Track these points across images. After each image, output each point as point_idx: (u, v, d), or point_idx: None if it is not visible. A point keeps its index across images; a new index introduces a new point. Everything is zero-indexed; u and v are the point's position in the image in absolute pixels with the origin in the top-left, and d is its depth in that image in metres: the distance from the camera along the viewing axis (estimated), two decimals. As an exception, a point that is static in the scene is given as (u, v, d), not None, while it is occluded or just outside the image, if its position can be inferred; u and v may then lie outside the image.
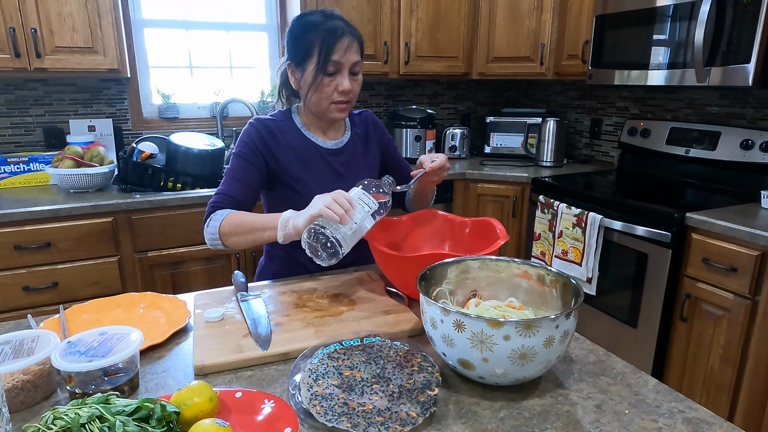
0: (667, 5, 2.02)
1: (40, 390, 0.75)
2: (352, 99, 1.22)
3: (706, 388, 1.82)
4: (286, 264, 1.32)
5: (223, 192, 1.19)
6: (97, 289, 2.01)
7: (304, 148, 1.27)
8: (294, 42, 1.19)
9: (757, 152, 2.06)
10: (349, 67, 1.18)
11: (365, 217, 1.00)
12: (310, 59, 1.16)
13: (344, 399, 0.70)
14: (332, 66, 1.16)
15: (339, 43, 1.14)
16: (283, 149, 1.25)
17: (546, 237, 2.32)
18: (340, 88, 1.18)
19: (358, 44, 1.19)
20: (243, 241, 1.12)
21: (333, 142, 1.31)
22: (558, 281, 0.87)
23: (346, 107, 1.22)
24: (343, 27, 1.16)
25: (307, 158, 1.26)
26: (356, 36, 1.19)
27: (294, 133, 1.28)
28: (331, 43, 1.14)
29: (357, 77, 1.22)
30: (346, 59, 1.16)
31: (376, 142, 1.39)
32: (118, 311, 1.03)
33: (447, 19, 2.73)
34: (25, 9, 1.95)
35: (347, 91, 1.19)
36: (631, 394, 0.77)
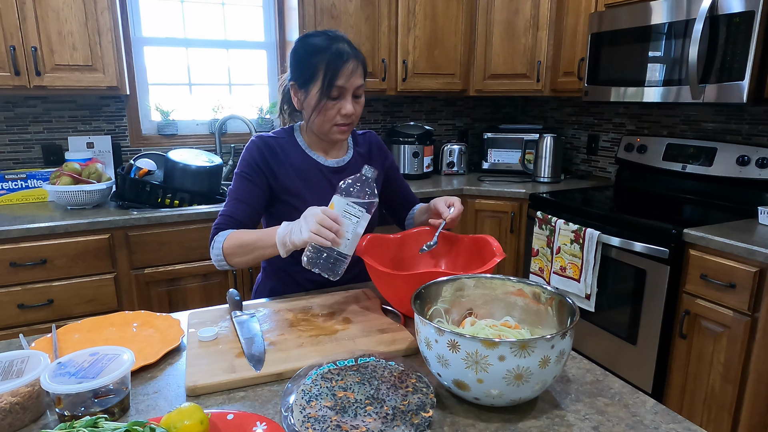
0: (662, 23, 2.04)
1: (29, 412, 0.73)
2: (354, 121, 1.23)
3: (707, 407, 1.80)
4: (283, 281, 1.32)
5: (226, 213, 1.21)
6: (92, 306, 2.00)
7: (305, 166, 1.27)
8: (299, 64, 1.20)
9: (754, 168, 2.06)
10: (352, 91, 1.18)
11: (357, 224, 0.99)
12: (315, 82, 1.16)
13: (337, 421, 0.69)
14: (336, 90, 1.16)
15: (344, 68, 1.15)
16: (284, 167, 1.25)
17: (544, 253, 2.31)
18: (343, 111, 1.18)
19: (362, 67, 1.20)
20: (247, 260, 1.13)
21: (335, 160, 1.31)
22: (554, 299, 0.86)
23: (348, 129, 1.23)
24: (348, 51, 1.16)
25: (308, 176, 1.26)
26: (360, 59, 1.19)
27: (296, 150, 1.28)
28: (336, 68, 1.14)
29: (359, 100, 1.22)
30: (350, 84, 1.17)
31: (379, 163, 1.39)
32: (111, 330, 1.02)
33: (444, 37, 2.76)
34: (25, 28, 1.97)
35: (350, 114, 1.19)
36: (629, 415, 0.76)
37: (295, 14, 2.49)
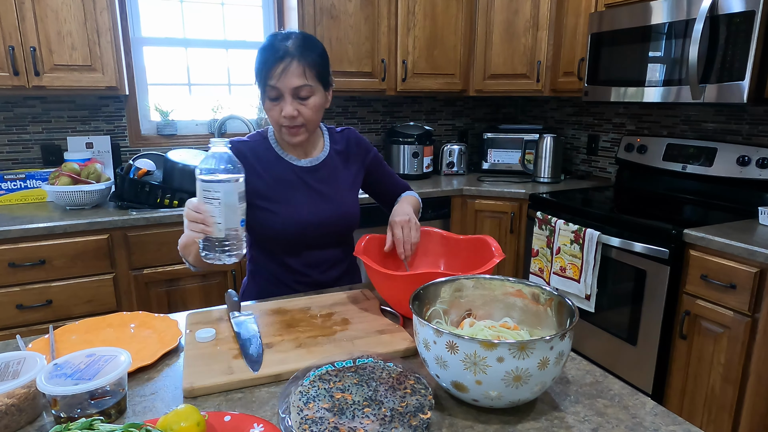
0: (662, 23, 2.04)
1: (24, 414, 0.73)
2: (306, 123, 1.18)
3: (707, 407, 1.79)
4: (269, 283, 1.31)
5: None
6: (91, 306, 1.99)
7: (278, 168, 1.25)
8: (255, 64, 1.18)
9: (754, 168, 2.06)
10: (291, 92, 1.13)
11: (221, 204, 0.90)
12: (259, 83, 1.16)
13: (335, 423, 0.69)
14: (272, 91, 1.13)
15: (275, 67, 1.11)
16: (255, 171, 1.23)
17: (544, 253, 2.31)
18: (282, 113, 1.14)
19: (305, 67, 1.12)
20: (194, 261, 1.15)
21: (308, 159, 1.29)
22: (553, 300, 0.86)
23: (297, 132, 1.18)
24: (285, 49, 1.11)
25: (281, 178, 1.25)
26: (304, 59, 1.12)
27: (268, 153, 1.26)
28: (268, 67, 1.11)
29: (306, 102, 1.15)
30: (284, 84, 1.11)
31: (359, 160, 1.36)
32: (108, 331, 1.02)
33: (443, 37, 2.75)
34: (24, 28, 1.97)
35: (289, 116, 1.14)
36: (629, 417, 0.76)
37: (294, 14, 2.48)
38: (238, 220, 0.94)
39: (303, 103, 1.15)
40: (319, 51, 1.17)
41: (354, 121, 3.04)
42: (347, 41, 2.55)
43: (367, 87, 2.65)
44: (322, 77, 1.18)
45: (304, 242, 1.27)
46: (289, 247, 1.27)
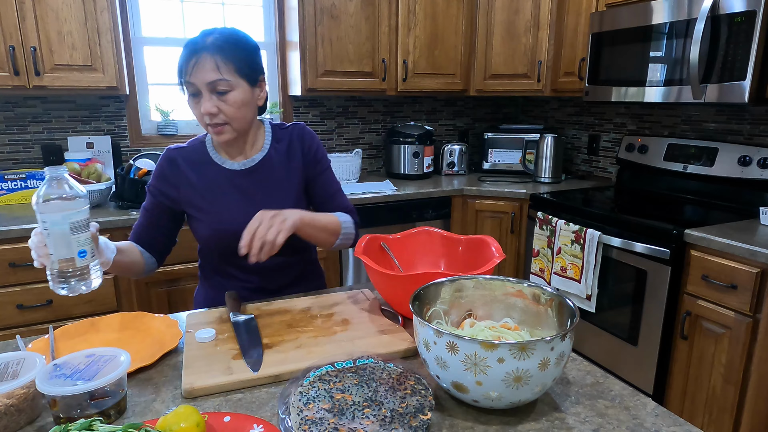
0: (663, 23, 2.03)
1: (24, 414, 0.73)
2: (229, 121, 1.12)
3: (708, 408, 1.79)
4: (215, 290, 1.28)
5: (133, 229, 1.26)
6: (92, 307, 1.99)
7: (209, 173, 1.21)
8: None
9: (755, 168, 2.05)
10: (208, 87, 1.08)
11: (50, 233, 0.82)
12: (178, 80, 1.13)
13: (335, 424, 0.68)
14: (189, 87, 1.09)
15: (189, 62, 1.07)
16: (185, 179, 1.20)
17: (545, 253, 2.31)
18: (201, 110, 1.10)
19: (219, 61, 1.07)
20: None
21: (242, 162, 1.22)
22: (553, 301, 0.85)
23: (222, 130, 1.12)
24: (202, 44, 1.07)
25: (212, 183, 1.20)
26: (219, 53, 1.07)
27: (201, 158, 1.22)
28: (184, 63, 1.08)
29: (225, 97, 1.09)
30: (198, 79, 1.07)
31: (299, 158, 1.26)
32: (108, 331, 1.02)
33: (444, 37, 2.75)
34: (25, 28, 1.97)
35: (208, 113, 1.09)
36: (630, 418, 0.76)
37: (294, 14, 2.48)
38: (75, 250, 0.84)
39: (222, 99, 1.09)
40: (240, 45, 1.11)
41: (354, 121, 3.04)
42: (348, 41, 2.55)
43: (368, 87, 2.65)
44: (244, 72, 1.11)
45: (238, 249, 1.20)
46: (224, 254, 1.23)
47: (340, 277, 2.50)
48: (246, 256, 1.09)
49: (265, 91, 1.21)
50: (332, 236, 1.22)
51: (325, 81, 2.55)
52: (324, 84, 2.55)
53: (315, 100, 2.91)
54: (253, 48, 1.15)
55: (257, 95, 1.18)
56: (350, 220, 1.28)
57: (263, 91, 1.20)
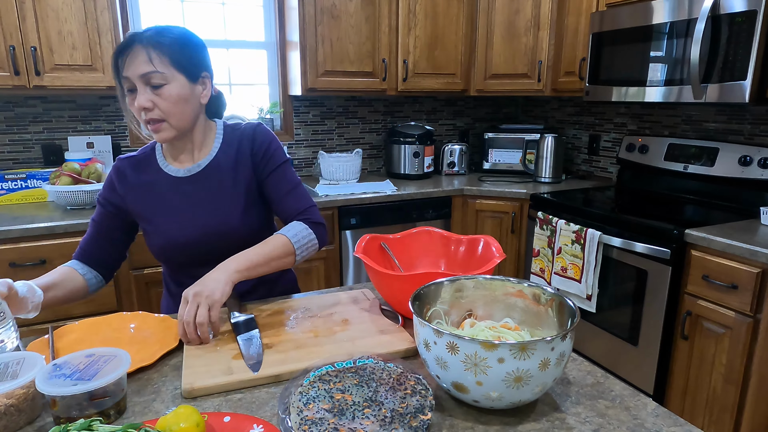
0: (663, 23, 2.03)
1: (24, 414, 0.73)
2: (166, 117, 1.06)
3: (709, 408, 1.79)
4: (176, 299, 1.25)
5: (80, 244, 1.19)
6: (92, 306, 1.99)
7: (156, 181, 1.16)
8: None
9: (756, 168, 2.05)
10: (142, 81, 1.03)
11: None
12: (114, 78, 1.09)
13: (335, 424, 0.68)
14: (126, 82, 1.05)
15: (124, 56, 1.03)
16: (132, 188, 1.16)
17: (545, 253, 2.31)
18: (135, 104, 1.05)
19: (152, 53, 1.03)
20: None
21: (189, 167, 1.16)
22: (554, 300, 0.85)
23: (159, 127, 1.07)
24: (135, 37, 1.04)
25: (157, 191, 1.16)
26: (153, 44, 1.03)
27: (150, 166, 1.18)
28: (119, 58, 1.04)
29: (160, 90, 1.04)
30: (132, 73, 1.03)
31: (248, 160, 1.18)
32: (108, 331, 1.02)
33: (444, 37, 2.75)
34: (25, 28, 1.97)
35: (142, 108, 1.04)
36: (630, 418, 0.75)
37: (295, 14, 2.48)
38: None
39: (157, 93, 1.04)
40: (175, 37, 1.06)
41: (355, 121, 3.03)
42: (348, 41, 2.55)
43: (368, 87, 2.65)
44: (181, 65, 1.06)
45: (188, 259, 1.17)
46: (174, 264, 1.21)
47: (340, 276, 2.50)
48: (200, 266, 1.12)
49: (210, 89, 1.15)
50: (287, 257, 1.10)
51: (326, 81, 2.55)
52: (324, 84, 2.55)
53: (315, 100, 2.91)
54: (193, 43, 1.10)
55: (199, 92, 1.12)
56: (303, 227, 1.15)
57: (207, 89, 1.14)
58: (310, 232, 1.15)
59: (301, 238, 1.13)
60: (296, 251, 1.12)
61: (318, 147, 2.97)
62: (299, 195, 1.20)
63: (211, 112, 1.25)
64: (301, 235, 1.13)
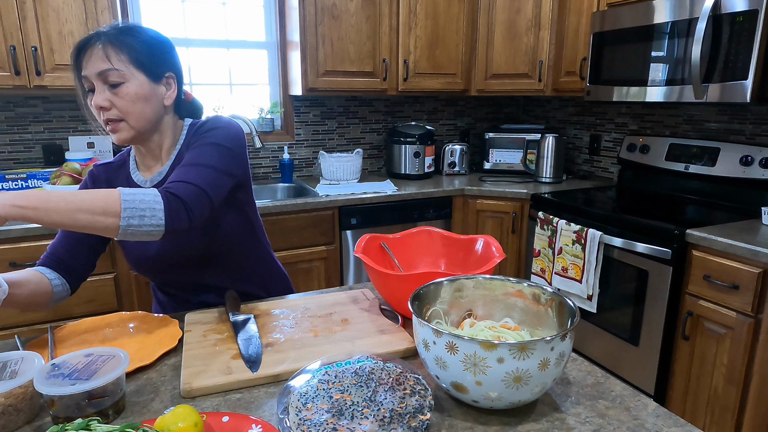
0: (665, 22, 2.03)
1: (22, 414, 0.73)
2: (124, 116, 1.00)
3: (710, 409, 1.78)
4: (163, 307, 1.24)
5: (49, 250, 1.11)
6: (92, 306, 1.99)
7: None
8: None
9: (757, 168, 2.05)
10: (100, 79, 0.98)
11: None
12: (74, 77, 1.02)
13: (333, 424, 0.68)
14: (86, 83, 1.00)
15: (83, 53, 0.99)
16: None
17: (546, 253, 2.30)
18: (93, 103, 1.00)
19: (111, 49, 0.98)
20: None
21: (151, 177, 1.11)
22: (554, 300, 0.85)
23: (118, 127, 1.01)
24: (92, 36, 0.99)
25: None
26: (111, 41, 0.98)
27: (122, 173, 1.14)
28: (78, 57, 0.99)
29: (118, 89, 0.99)
30: (89, 71, 0.98)
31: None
32: (107, 331, 1.02)
33: (445, 37, 2.75)
34: (26, 28, 1.97)
35: (99, 107, 0.99)
36: (630, 419, 0.75)
37: (295, 14, 2.48)
38: None
39: (114, 92, 0.99)
40: (137, 35, 1.01)
41: (355, 121, 3.03)
42: (348, 41, 2.55)
43: (369, 87, 2.64)
44: (141, 63, 1.00)
45: (163, 271, 1.14)
46: (151, 275, 1.18)
47: (340, 276, 2.50)
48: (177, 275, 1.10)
49: (176, 91, 1.09)
50: (107, 218, 0.84)
51: (326, 81, 2.55)
52: (325, 84, 2.54)
53: (316, 99, 2.91)
54: (155, 41, 1.04)
55: (162, 93, 1.06)
56: (153, 193, 0.90)
57: (172, 90, 1.08)
58: (158, 200, 0.89)
59: (138, 202, 0.87)
60: (122, 213, 0.85)
61: (318, 147, 2.97)
62: (187, 170, 0.98)
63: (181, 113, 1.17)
64: (141, 199, 0.87)
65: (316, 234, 2.37)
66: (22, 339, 0.99)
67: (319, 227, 2.37)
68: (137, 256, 1.13)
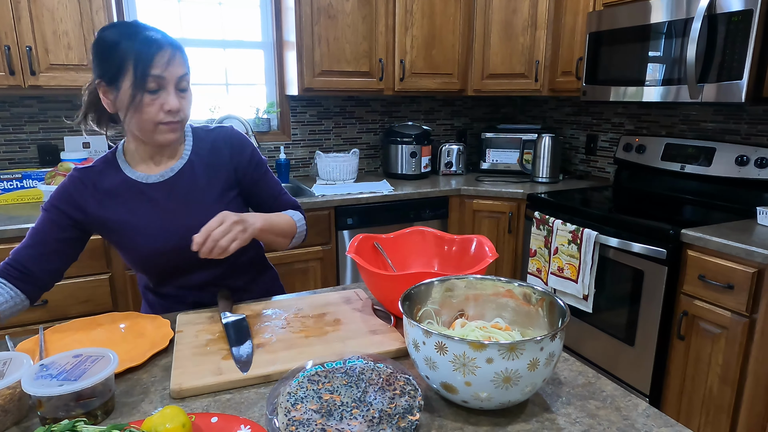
0: (661, 22, 2.03)
1: (10, 415, 0.72)
2: (184, 119, 1.08)
3: (705, 409, 1.78)
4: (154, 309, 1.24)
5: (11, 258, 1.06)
6: (87, 307, 1.99)
7: (122, 190, 1.11)
8: (102, 57, 1.01)
9: (752, 168, 2.05)
10: (174, 82, 1.03)
11: None
12: (125, 75, 0.99)
13: (322, 425, 0.68)
14: (153, 82, 1.00)
15: (159, 55, 1.00)
16: (93, 199, 1.09)
17: (542, 253, 2.30)
18: (167, 107, 1.02)
19: (182, 56, 1.05)
20: None
21: (161, 172, 1.13)
22: (544, 300, 0.85)
23: (176, 127, 1.06)
24: (159, 37, 1.02)
25: (125, 201, 1.10)
26: (178, 47, 1.04)
27: (113, 174, 1.12)
28: (149, 55, 0.99)
29: (186, 94, 1.06)
30: (170, 74, 1.01)
31: (226, 163, 1.18)
32: (99, 331, 1.01)
33: (441, 36, 2.75)
34: (20, 28, 1.96)
35: (175, 110, 1.03)
36: (620, 419, 0.75)
37: (291, 14, 2.48)
38: None
39: (183, 96, 1.06)
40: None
41: (352, 121, 3.03)
42: (345, 41, 2.54)
43: (365, 87, 2.64)
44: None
45: (166, 267, 1.15)
46: (152, 273, 1.18)
47: (336, 277, 2.49)
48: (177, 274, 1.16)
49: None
50: (288, 239, 1.23)
51: (322, 81, 2.54)
52: (321, 84, 2.54)
53: (312, 99, 2.91)
54: None
55: None
56: (302, 217, 1.29)
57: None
58: (305, 225, 1.30)
59: (300, 226, 1.27)
60: (294, 237, 1.25)
61: (315, 147, 2.96)
62: (288, 194, 1.31)
63: None
64: (301, 224, 1.27)
65: (313, 234, 2.37)
66: (14, 340, 0.98)
67: (316, 227, 2.37)
68: (141, 253, 1.12)
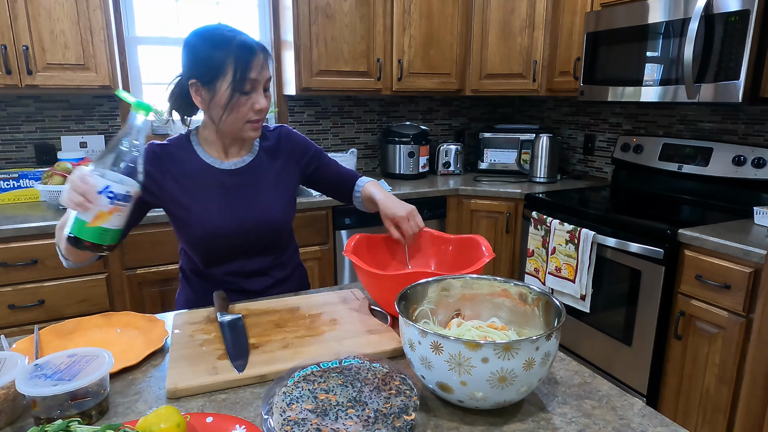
0: (658, 22, 2.03)
1: (4, 415, 0.72)
2: (264, 117, 1.18)
3: (702, 408, 1.78)
4: (195, 292, 1.27)
5: None
6: (84, 307, 1.98)
7: (196, 172, 1.19)
8: (200, 59, 1.09)
9: (749, 168, 2.05)
10: (263, 85, 1.13)
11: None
12: (223, 78, 1.08)
13: (317, 424, 0.68)
14: (249, 84, 1.09)
15: (255, 59, 1.09)
16: (170, 175, 1.17)
17: (539, 253, 2.30)
18: (257, 106, 1.12)
19: (270, 59, 1.16)
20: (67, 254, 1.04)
21: (233, 161, 1.22)
22: (540, 300, 0.85)
23: (260, 125, 1.17)
24: (253, 42, 1.11)
25: (198, 182, 1.18)
26: (267, 51, 1.14)
27: (187, 156, 1.20)
28: (248, 60, 1.08)
29: (268, 93, 1.16)
30: (262, 76, 1.11)
31: (293, 160, 1.30)
32: (94, 331, 1.01)
33: (439, 36, 2.75)
34: (17, 27, 1.96)
35: (265, 109, 1.14)
36: (616, 418, 0.75)
37: (289, 13, 2.47)
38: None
39: (266, 96, 1.15)
40: None
41: (350, 121, 3.03)
42: (342, 40, 2.54)
43: (363, 86, 2.64)
44: None
45: (224, 251, 1.21)
46: (208, 255, 1.22)
47: (334, 276, 2.49)
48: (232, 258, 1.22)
49: None
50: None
51: (320, 80, 2.54)
52: (319, 83, 2.54)
53: (310, 99, 2.90)
54: None
55: None
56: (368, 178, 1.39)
57: None
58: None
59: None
60: None
61: (313, 147, 2.96)
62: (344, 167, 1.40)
63: None
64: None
65: (310, 234, 2.36)
66: (9, 339, 0.98)
67: (313, 227, 2.37)
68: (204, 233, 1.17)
